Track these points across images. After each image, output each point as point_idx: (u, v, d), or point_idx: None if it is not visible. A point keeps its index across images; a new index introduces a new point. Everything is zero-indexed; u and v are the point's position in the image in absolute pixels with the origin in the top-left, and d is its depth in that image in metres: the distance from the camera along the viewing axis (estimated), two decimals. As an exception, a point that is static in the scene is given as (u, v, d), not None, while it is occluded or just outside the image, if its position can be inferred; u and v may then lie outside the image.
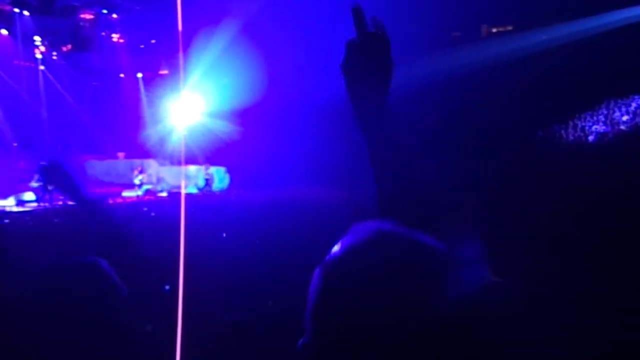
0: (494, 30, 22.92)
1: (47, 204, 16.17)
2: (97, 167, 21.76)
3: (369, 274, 0.68)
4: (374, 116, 1.02)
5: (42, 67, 23.19)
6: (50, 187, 16.77)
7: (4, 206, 15.91)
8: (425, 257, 0.70)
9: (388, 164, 1.02)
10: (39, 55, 22.80)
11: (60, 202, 16.41)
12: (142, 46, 24.15)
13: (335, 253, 0.72)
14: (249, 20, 19.40)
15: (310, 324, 0.71)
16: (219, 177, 20.99)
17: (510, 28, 22.04)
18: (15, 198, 17.08)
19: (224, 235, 7.56)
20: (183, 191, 18.44)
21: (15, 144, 19.88)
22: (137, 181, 19.27)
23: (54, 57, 23.47)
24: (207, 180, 20.14)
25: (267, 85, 19.71)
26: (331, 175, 17.06)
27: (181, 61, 19.06)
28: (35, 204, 16.58)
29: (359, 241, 0.71)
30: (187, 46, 17.14)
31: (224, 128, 21.01)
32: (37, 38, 22.10)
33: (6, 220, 11.36)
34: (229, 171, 21.41)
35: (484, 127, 17.01)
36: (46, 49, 22.83)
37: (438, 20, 19.95)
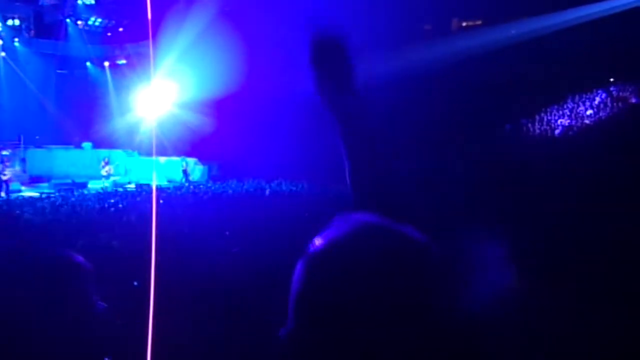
0: (464, 24, 23.28)
1: (5, 196, 15.65)
2: (63, 157, 21.16)
3: (353, 265, 0.68)
4: (344, 107, 1.05)
5: (2, 54, 22.35)
6: (4, 177, 16.27)
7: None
8: (409, 249, 0.70)
9: (362, 157, 1.04)
10: (-1, 41, 21.99)
11: (19, 195, 15.95)
12: (109, 34, 23.58)
13: (318, 244, 0.72)
14: (223, 6, 19.17)
15: (292, 314, 0.71)
16: (190, 168, 20.70)
17: (479, 22, 22.43)
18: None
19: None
20: (154, 183, 18.13)
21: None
22: (103, 172, 18.84)
23: (16, 44, 22.64)
24: (184, 171, 19.80)
25: (241, 76, 19.51)
26: (306, 168, 17.09)
27: (151, 49, 18.64)
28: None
29: (343, 232, 0.72)
30: (157, 33, 16.77)
31: (196, 119, 20.73)
32: (-4, 23, 21.32)
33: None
34: (201, 163, 21.14)
35: (456, 121, 17.25)
36: (7, 34, 22.01)
37: (411, 13, 20.11)
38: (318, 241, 0.73)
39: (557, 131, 18.28)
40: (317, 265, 0.70)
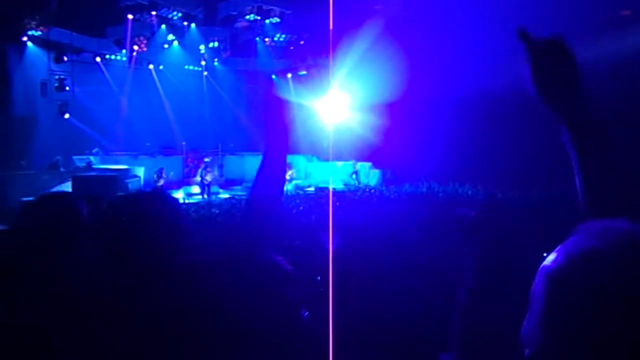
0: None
1: (207, 197, 17.89)
2: (253, 163, 23.42)
3: (621, 282, 0.58)
4: (574, 113, 1.00)
5: (205, 73, 25.66)
6: (206, 181, 18.57)
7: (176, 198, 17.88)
8: None
9: (589, 152, 0.96)
10: (202, 62, 25.28)
11: (216, 196, 18.10)
12: (291, 48, 25.39)
13: (569, 256, 0.64)
14: (391, 16, 19.35)
15: (540, 334, 0.64)
16: (364, 172, 21.27)
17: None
18: (184, 191, 19.17)
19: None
20: (331, 186, 19.04)
21: (183, 143, 22.23)
22: (287, 176, 20.30)
23: (215, 63, 25.82)
24: (355, 175, 20.51)
25: (411, 82, 19.48)
26: (478, 172, 16.33)
27: (331, 60, 19.63)
28: (199, 197, 18.40)
29: (606, 244, 0.62)
30: (335, 46, 17.62)
31: (370, 125, 21.22)
32: (201, 47, 24.49)
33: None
34: (375, 167, 21.59)
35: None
36: (209, 56, 25.20)
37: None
38: (566, 253, 0.65)
39: None
40: (571, 281, 0.62)
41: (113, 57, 22.43)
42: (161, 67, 24.17)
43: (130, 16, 21.30)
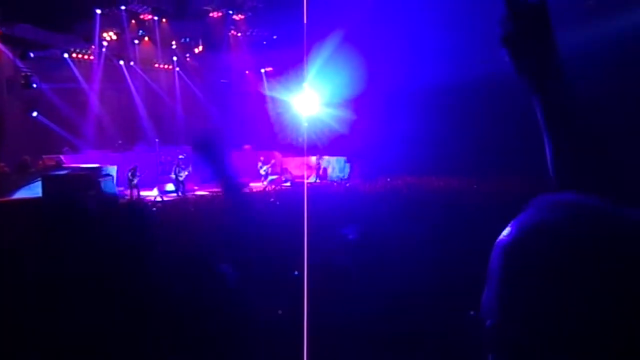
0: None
1: (181, 194, 17.72)
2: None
3: (573, 253, 0.60)
4: (543, 71, 0.98)
5: (177, 69, 25.31)
6: (181, 178, 18.41)
7: (150, 196, 17.66)
8: None
9: (567, 122, 0.96)
10: (174, 58, 24.92)
11: (193, 194, 17.97)
12: (264, 42, 25.25)
13: (521, 229, 0.66)
14: (364, 9, 19.42)
15: (498, 304, 0.67)
16: (339, 166, 21.38)
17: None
18: (158, 189, 18.91)
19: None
20: (305, 181, 19.05)
21: (157, 140, 21.91)
22: (262, 172, 20.29)
23: (187, 59, 25.49)
24: (324, 169, 20.65)
25: (379, 76, 19.63)
26: (450, 161, 16.58)
27: (305, 56, 19.59)
28: (174, 195, 18.19)
29: (555, 217, 0.64)
30: (309, 40, 17.59)
31: (343, 119, 21.31)
32: (173, 42, 24.14)
33: (154, 209, 12.62)
34: (349, 161, 21.71)
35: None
36: (180, 51, 24.86)
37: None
38: (518, 226, 0.67)
39: None
40: (526, 252, 0.65)
41: (81, 53, 21.93)
42: (132, 63, 23.74)
43: (98, 11, 20.85)
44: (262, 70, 26.78)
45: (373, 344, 3.66)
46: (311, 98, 22.30)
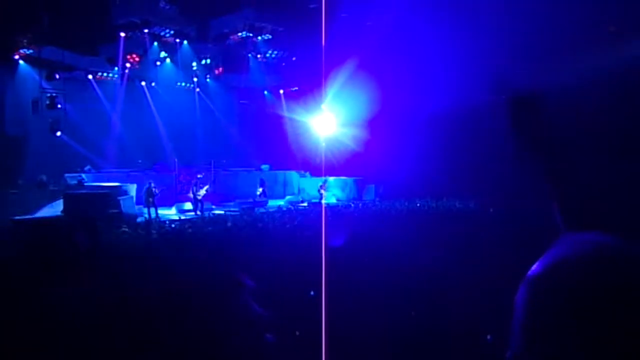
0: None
1: (199, 213, 17.82)
2: (245, 179, 23.42)
3: (594, 288, 0.63)
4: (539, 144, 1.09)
5: (197, 89, 25.75)
6: (199, 197, 18.54)
7: (169, 215, 17.82)
8: None
9: (564, 177, 1.03)
10: (195, 79, 25.39)
11: (210, 213, 18.06)
12: (283, 64, 25.56)
13: (547, 266, 0.69)
14: (383, 32, 19.58)
15: (521, 336, 0.69)
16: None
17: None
18: (177, 207, 19.09)
19: None
20: (323, 201, 19.06)
21: (176, 159, 22.19)
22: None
23: (208, 80, 25.94)
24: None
25: (404, 98, 19.70)
26: (471, 187, 16.45)
27: (323, 77, 19.80)
28: (192, 213, 18.32)
29: (575, 254, 0.67)
30: (327, 62, 17.78)
31: (362, 140, 21.37)
32: (194, 64, 24.61)
33: (172, 226, 12.74)
34: (368, 182, 21.73)
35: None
36: (201, 72, 25.31)
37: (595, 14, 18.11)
38: (545, 263, 0.69)
39: None
40: (550, 287, 0.67)
41: (105, 74, 22.47)
42: (153, 84, 24.24)
43: (122, 34, 21.38)
44: (281, 91, 27.08)
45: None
46: (329, 119, 22.42)
